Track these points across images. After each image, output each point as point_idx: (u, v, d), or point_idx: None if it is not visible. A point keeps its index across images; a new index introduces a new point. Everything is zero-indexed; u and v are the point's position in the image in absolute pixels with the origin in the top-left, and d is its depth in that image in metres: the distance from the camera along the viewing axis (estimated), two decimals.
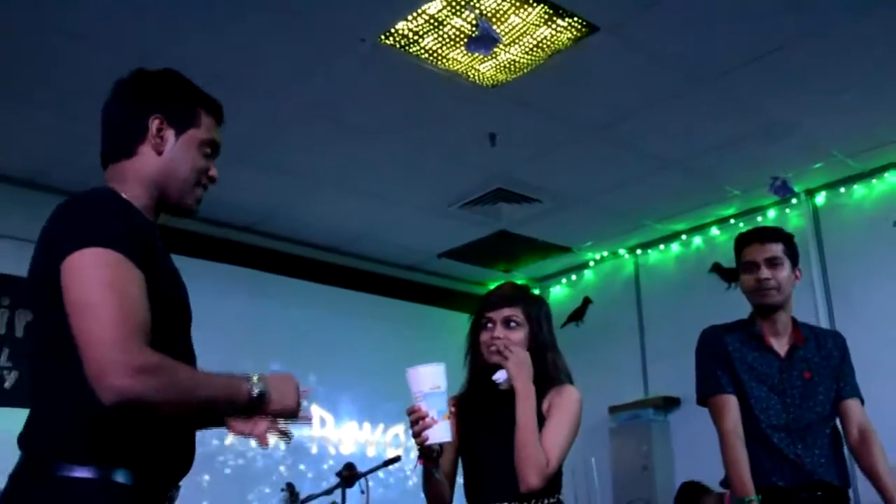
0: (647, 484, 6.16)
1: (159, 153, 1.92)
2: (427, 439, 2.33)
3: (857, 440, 3.08)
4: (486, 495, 2.52)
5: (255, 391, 1.81)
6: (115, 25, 3.96)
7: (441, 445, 2.39)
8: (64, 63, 4.22)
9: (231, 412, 1.85)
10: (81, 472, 1.67)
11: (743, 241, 3.19)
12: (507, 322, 2.61)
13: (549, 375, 2.60)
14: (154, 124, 1.91)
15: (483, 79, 4.46)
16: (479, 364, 2.60)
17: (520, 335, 2.61)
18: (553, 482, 2.49)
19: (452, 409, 2.58)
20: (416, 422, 2.33)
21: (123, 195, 1.84)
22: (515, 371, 2.47)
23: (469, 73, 4.41)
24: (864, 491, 3.14)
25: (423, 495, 2.64)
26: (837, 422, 3.14)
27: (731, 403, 3.06)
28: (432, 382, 2.37)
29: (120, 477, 1.69)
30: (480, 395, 2.59)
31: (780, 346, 3.11)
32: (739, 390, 3.07)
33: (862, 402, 3.16)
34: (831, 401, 3.09)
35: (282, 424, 1.95)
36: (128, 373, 1.58)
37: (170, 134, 1.93)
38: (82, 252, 1.66)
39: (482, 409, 2.58)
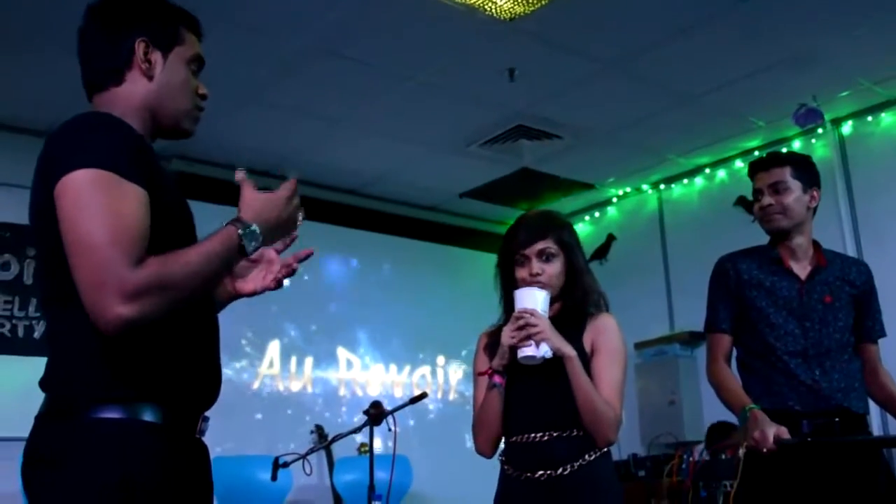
0: (674, 419, 6.17)
1: (150, 77, 1.85)
2: (529, 343, 2.44)
3: (870, 374, 3.10)
4: (524, 427, 2.54)
5: (242, 231, 1.73)
6: None
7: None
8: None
9: (235, 264, 1.79)
10: (108, 413, 1.64)
11: (751, 171, 3.20)
12: (541, 255, 2.60)
13: (585, 303, 2.61)
14: (140, 48, 1.85)
15: (500, 11, 4.37)
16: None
17: (556, 266, 2.61)
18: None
19: (485, 340, 2.65)
20: (523, 328, 2.44)
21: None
22: (557, 340, 2.46)
23: (486, 6, 4.32)
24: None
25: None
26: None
27: (722, 343, 3.11)
28: (543, 305, 2.48)
29: (147, 415, 1.67)
30: None
31: (801, 269, 3.09)
32: (752, 318, 3.07)
33: (885, 334, 3.18)
34: (850, 328, 3.07)
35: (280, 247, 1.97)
36: (123, 300, 1.53)
37: (157, 56, 1.86)
38: (73, 174, 1.60)
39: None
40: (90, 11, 1.89)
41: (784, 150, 5.87)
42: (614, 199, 7.25)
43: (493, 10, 4.36)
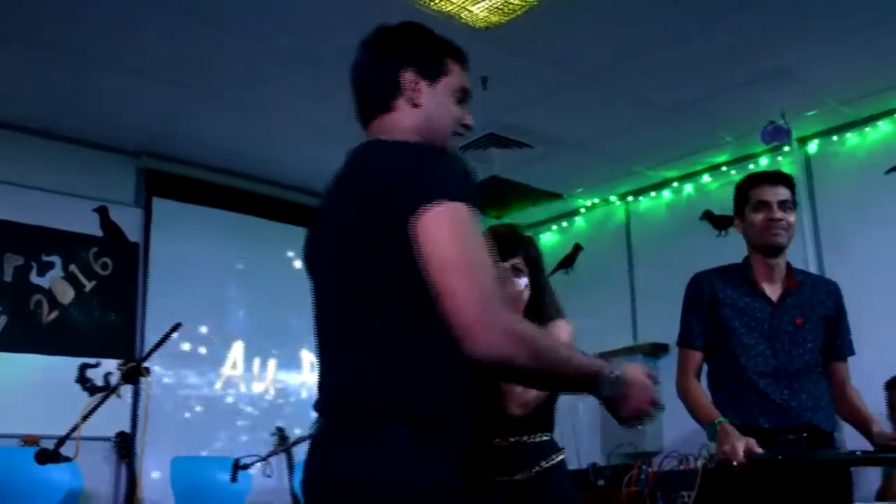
0: (634, 430, 6.20)
1: (416, 106, 1.91)
2: None
3: (839, 392, 3.14)
4: (480, 432, 2.54)
5: (606, 390, 1.72)
6: None
7: None
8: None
9: (575, 392, 1.77)
10: (401, 433, 1.65)
11: (753, 182, 3.20)
12: (511, 271, 2.65)
13: (543, 317, 2.64)
14: (407, 77, 1.90)
15: (476, 20, 4.39)
16: None
17: (524, 281, 2.68)
18: (545, 420, 2.53)
19: None
20: None
21: None
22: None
23: (462, 15, 4.34)
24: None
25: None
26: None
27: (694, 359, 3.14)
28: None
29: (445, 443, 1.69)
30: None
31: (773, 291, 3.13)
32: (725, 336, 3.10)
33: (853, 352, 3.21)
34: (819, 349, 3.11)
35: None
36: (499, 332, 1.58)
37: (423, 85, 1.91)
38: (441, 205, 1.64)
39: None
40: (363, 45, 1.98)
41: (751, 165, 5.97)
42: (582, 210, 7.28)
43: (469, 19, 4.38)
